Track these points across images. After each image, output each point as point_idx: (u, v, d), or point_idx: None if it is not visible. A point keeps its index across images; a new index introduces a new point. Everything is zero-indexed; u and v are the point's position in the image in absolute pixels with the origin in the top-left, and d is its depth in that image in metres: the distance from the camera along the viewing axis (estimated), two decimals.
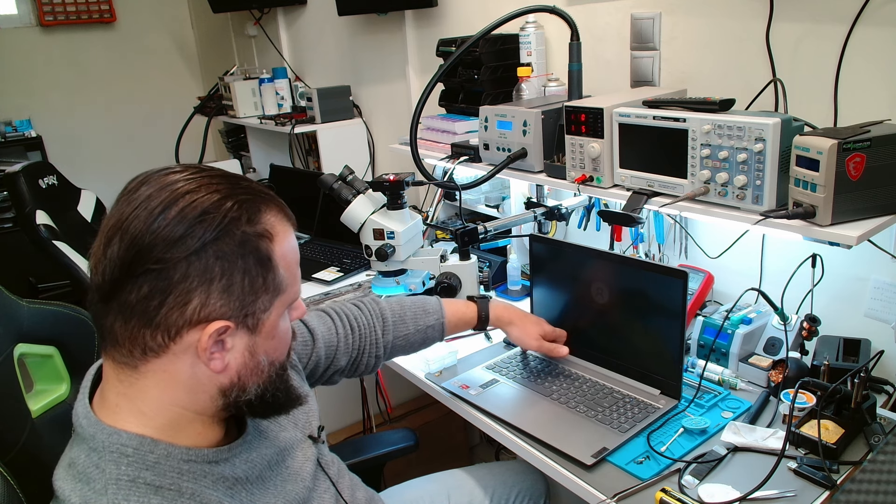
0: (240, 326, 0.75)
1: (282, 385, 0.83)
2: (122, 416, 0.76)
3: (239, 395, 0.79)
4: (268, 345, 0.79)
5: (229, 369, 0.77)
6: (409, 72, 2.57)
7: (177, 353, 0.74)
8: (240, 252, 0.73)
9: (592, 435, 1.22)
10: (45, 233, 2.12)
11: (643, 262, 1.43)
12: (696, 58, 1.58)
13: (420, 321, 1.32)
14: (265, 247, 0.75)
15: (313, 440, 1.00)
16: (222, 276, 0.72)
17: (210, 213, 0.71)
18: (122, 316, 0.72)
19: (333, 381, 1.26)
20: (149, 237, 0.70)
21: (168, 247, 0.70)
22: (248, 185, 0.78)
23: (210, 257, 0.71)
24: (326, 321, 1.24)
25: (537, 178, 1.60)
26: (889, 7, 1.23)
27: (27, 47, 3.94)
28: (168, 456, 0.75)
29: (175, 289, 0.70)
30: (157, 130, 4.20)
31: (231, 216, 0.72)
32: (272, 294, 0.77)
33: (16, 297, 1.04)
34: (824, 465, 1.08)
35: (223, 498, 0.79)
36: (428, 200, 2.45)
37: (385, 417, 2.26)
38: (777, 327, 1.40)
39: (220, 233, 0.71)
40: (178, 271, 0.70)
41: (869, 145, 1.08)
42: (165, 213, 0.70)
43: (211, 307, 0.72)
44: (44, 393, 1.06)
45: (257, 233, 0.75)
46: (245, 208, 0.74)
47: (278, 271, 0.77)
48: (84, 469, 0.73)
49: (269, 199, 0.78)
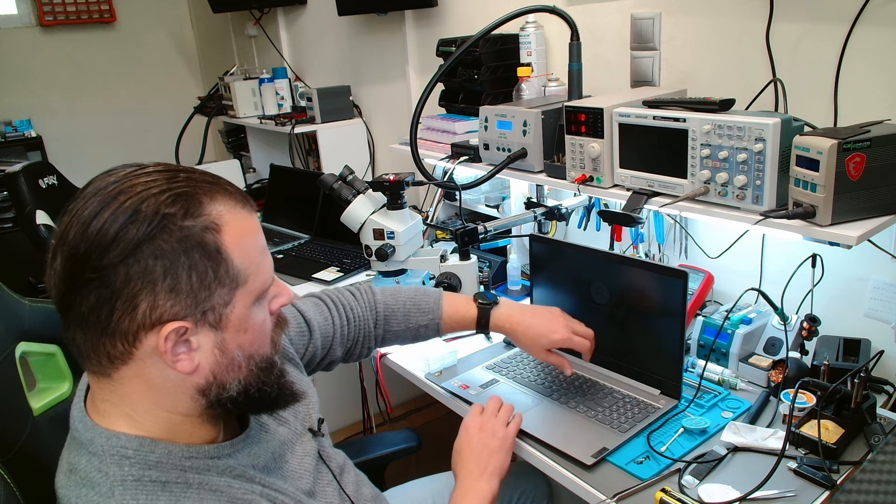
0: (200, 324, 0.72)
1: (268, 379, 0.80)
2: (114, 421, 0.76)
3: (220, 392, 0.76)
4: (240, 339, 0.76)
5: (201, 369, 0.74)
6: (409, 72, 2.57)
7: (143, 359, 0.72)
8: (181, 248, 0.69)
9: (592, 435, 1.22)
10: (45, 233, 2.12)
11: (643, 262, 1.43)
12: (696, 58, 1.58)
13: (412, 319, 1.28)
14: (211, 239, 0.71)
15: (313, 433, 1.00)
16: (166, 276, 0.69)
17: (141, 212, 0.68)
18: (80, 328, 0.71)
19: (329, 368, 1.26)
20: (84, 246, 0.68)
21: (102, 253, 0.67)
22: (187, 176, 0.74)
23: (148, 258, 0.68)
24: (323, 311, 1.22)
25: (537, 178, 1.60)
26: (889, 7, 1.23)
27: (27, 47, 3.94)
28: (169, 454, 0.75)
29: (120, 295, 0.68)
30: (157, 130, 4.20)
31: (164, 212, 0.69)
32: (230, 287, 0.73)
33: (18, 295, 1.04)
34: (824, 465, 1.08)
35: (232, 482, 0.79)
36: (428, 200, 2.45)
37: (385, 417, 2.26)
38: (777, 327, 1.40)
39: (155, 230, 0.68)
40: (118, 276, 0.68)
41: (869, 145, 1.08)
42: (97, 219, 0.68)
43: (161, 308, 0.70)
44: (46, 391, 1.06)
45: (200, 226, 0.71)
46: (182, 202, 0.70)
47: (232, 262, 0.73)
48: (86, 474, 0.73)
49: (214, 189, 0.74)
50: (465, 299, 1.32)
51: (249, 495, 0.79)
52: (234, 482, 0.79)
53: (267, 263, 0.79)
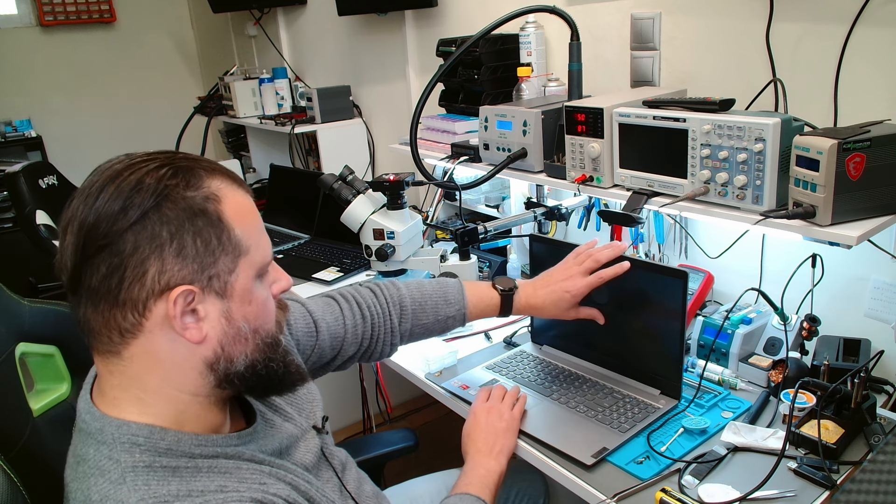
0: (207, 291, 0.75)
1: (275, 356, 0.82)
2: (124, 408, 0.76)
3: (227, 367, 0.78)
4: (245, 311, 0.78)
5: (209, 339, 0.76)
6: (409, 72, 2.57)
7: (153, 331, 0.74)
8: (185, 215, 0.73)
9: (592, 435, 1.22)
10: (45, 233, 2.13)
11: (643, 262, 1.43)
12: (696, 58, 1.58)
13: (441, 311, 1.27)
14: (213, 208, 0.75)
15: (317, 430, 1.00)
16: (172, 240, 0.72)
17: (145, 184, 0.72)
18: (91, 302, 0.73)
19: (344, 367, 1.24)
20: (93, 217, 0.71)
21: (111, 221, 0.71)
22: (185, 156, 0.78)
23: (155, 223, 0.71)
24: (333, 309, 1.20)
25: (537, 178, 1.60)
26: (889, 7, 1.23)
27: (27, 47, 3.94)
28: (179, 441, 0.76)
29: (129, 262, 0.71)
30: (157, 130, 4.20)
31: (168, 182, 0.73)
32: (233, 254, 0.76)
33: (17, 296, 1.04)
34: (824, 465, 1.08)
35: (241, 464, 0.80)
36: (428, 200, 2.45)
37: (385, 417, 2.26)
38: (777, 327, 1.40)
39: (160, 199, 0.72)
40: (126, 243, 0.71)
41: (869, 145, 1.08)
42: (104, 192, 0.72)
43: (169, 273, 0.72)
44: (45, 392, 1.06)
45: (202, 196, 0.75)
46: (182, 174, 0.74)
47: (233, 231, 0.76)
48: (97, 463, 0.74)
49: (213, 169, 0.78)
50: (485, 286, 1.32)
51: (258, 475, 0.80)
52: (242, 464, 0.80)
53: (265, 242, 0.82)
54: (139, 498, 0.70)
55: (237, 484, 0.77)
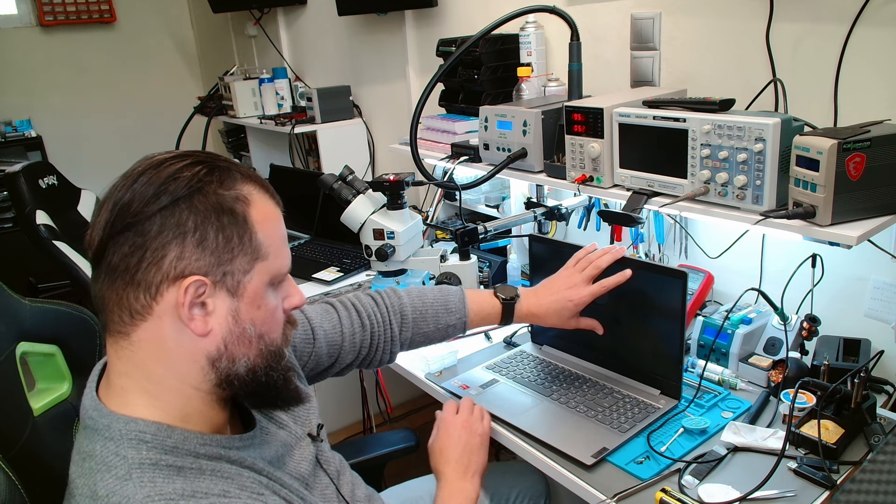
0: (219, 286, 0.76)
1: (277, 366, 0.83)
2: (131, 399, 0.77)
3: (229, 366, 0.79)
4: (254, 314, 0.79)
5: (214, 335, 0.77)
6: (409, 72, 2.57)
7: (161, 317, 0.75)
8: (213, 210, 0.75)
9: (592, 435, 1.22)
10: (45, 233, 2.12)
11: (643, 263, 1.43)
12: (696, 58, 1.58)
13: (441, 320, 1.28)
14: (241, 209, 0.77)
15: (312, 438, 1.00)
16: (196, 230, 0.74)
17: (183, 174, 0.75)
18: (109, 278, 0.75)
19: (344, 373, 1.25)
20: (129, 196, 0.74)
21: (144, 203, 0.74)
22: (228, 160, 0.81)
23: (183, 211, 0.74)
24: (332, 317, 1.21)
25: (537, 178, 1.60)
26: (889, 7, 1.23)
27: (27, 47, 3.94)
28: (185, 440, 0.76)
29: (152, 243, 0.73)
30: (157, 130, 4.20)
31: (203, 178, 0.76)
32: (251, 256, 0.78)
33: (18, 295, 1.04)
34: (824, 465, 1.08)
35: (241, 470, 0.81)
36: (428, 200, 2.45)
37: (385, 417, 2.26)
38: (777, 327, 1.40)
39: (193, 190, 0.75)
40: (153, 225, 0.73)
41: (869, 145, 1.08)
42: (143, 177, 0.75)
43: (186, 261, 0.74)
44: (45, 392, 1.06)
45: (232, 196, 0.77)
46: (218, 174, 0.77)
47: (256, 234, 0.78)
48: (103, 458, 0.74)
49: (249, 175, 0.81)
50: (486, 295, 1.32)
51: (257, 485, 0.81)
52: (243, 471, 0.81)
53: (286, 252, 0.84)
54: (145, 495, 0.71)
55: (238, 491, 0.78)
